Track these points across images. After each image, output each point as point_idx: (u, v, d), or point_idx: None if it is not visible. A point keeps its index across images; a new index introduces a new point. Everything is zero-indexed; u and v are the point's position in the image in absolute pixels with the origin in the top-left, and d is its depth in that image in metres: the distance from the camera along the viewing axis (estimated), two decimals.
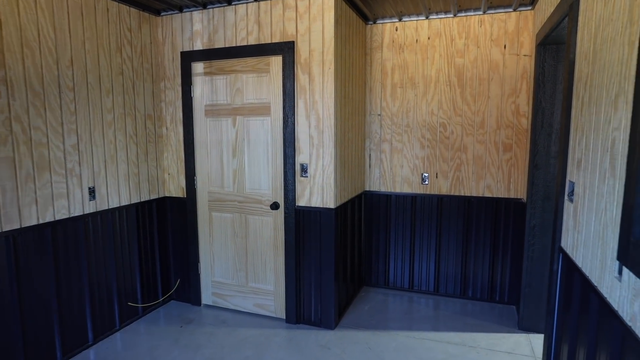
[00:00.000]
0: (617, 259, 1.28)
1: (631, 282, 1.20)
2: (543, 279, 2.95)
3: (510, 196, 3.37)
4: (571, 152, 1.90)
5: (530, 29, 3.17)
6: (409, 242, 3.72)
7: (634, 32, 1.27)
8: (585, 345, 1.60)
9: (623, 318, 1.23)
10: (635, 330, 1.15)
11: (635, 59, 1.23)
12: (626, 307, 1.22)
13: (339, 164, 3.04)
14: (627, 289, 1.23)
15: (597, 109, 1.57)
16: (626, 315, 1.22)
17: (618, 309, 1.28)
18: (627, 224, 1.18)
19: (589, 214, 1.60)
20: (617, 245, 1.32)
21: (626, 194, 1.19)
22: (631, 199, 1.16)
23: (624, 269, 1.25)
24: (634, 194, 1.14)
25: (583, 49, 1.78)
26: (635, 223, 1.13)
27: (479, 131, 3.40)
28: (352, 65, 3.27)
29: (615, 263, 1.33)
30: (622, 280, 1.26)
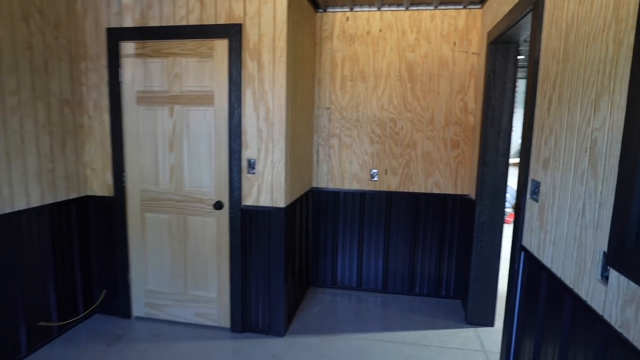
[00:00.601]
0: (606, 264, 1.24)
1: (622, 288, 1.16)
2: (490, 274, 3.02)
3: (457, 192, 3.41)
4: (535, 151, 1.89)
5: (479, 28, 3.21)
6: (357, 240, 3.63)
7: (620, 30, 1.23)
8: (556, 343, 1.58)
9: (612, 324, 1.20)
10: (629, 337, 1.11)
11: (625, 57, 1.19)
12: (615, 312, 1.19)
13: (290, 160, 2.84)
14: (615, 294, 1.19)
15: (571, 108, 1.54)
16: (615, 320, 1.18)
17: (604, 314, 1.25)
18: (619, 229, 1.14)
19: (561, 214, 1.58)
20: (600, 248, 1.29)
21: (619, 197, 1.15)
22: (626, 202, 1.11)
23: (612, 273, 1.21)
24: (628, 197, 1.10)
25: (550, 48, 1.76)
26: (632, 228, 1.09)
27: (428, 127, 3.39)
28: (303, 55, 3.07)
29: (597, 267, 1.30)
30: (609, 284, 1.23)
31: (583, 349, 1.38)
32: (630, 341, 1.10)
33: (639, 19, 1.09)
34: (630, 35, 1.17)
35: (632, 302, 1.11)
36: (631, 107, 1.12)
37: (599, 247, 1.30)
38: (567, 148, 1.56)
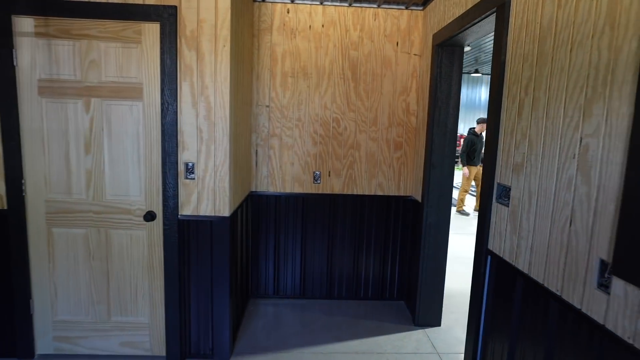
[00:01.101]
0: (610, 273, 1.23)
1: (634, 298, 1.14)
2: (437, 275, 3.05)
3: (401, 194, 3.41)
4: (503, 155, 1.88)
5: (421, 29, 3.22)
6: (300, 246, 3.44)
7: (617, 36, 1.22)
8: (536, 346, 1.58)
9: (617, 334, 1.18)
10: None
11: (625, 64, 1.18)
12: (622, 323, 1.17)
13: (233, 162, 2.55)
14: (622, 304, 1.18)
15: (550, 113, 1.53)
16: (622, 332, 1.17)
17: (605, 324, 1.23)
18: (630, 240, 1.12)
19: (542, 221, 1.57)
20: (597, 256, 1.28)
21: (629, 208, 1.13)
22: (635, 208, 1.09)
23: (617, 283, 1.20)
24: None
25: (520, 52, 1.75)
26: None
27: (372, 128, 3.32)
28: (243, 47, 2.78)
29: (594, 275, 1.29)
30: (612, 294, 1.22)
31: (572, 354, 1.38)
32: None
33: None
34: (633, 42, 1.16)
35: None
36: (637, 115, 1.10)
37: (595, 255, 1.29)
38: (546, 153, 1.56)
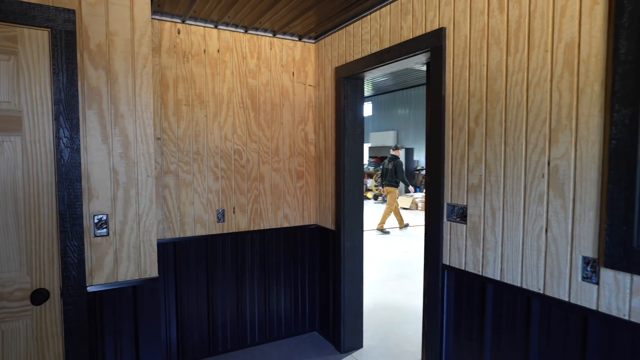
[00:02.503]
0: (597, 266, 1.53)
1: (623, 284, 1.46)
2: (357, 298, 3.13)
3: (305, 223, 3.38)
4: (454, 178, 2.11)
5: (314, 61, 3.32)
6: (206, 295, 3.00)
7: (577, 81, 1.57)
8: (516, 341, 1.81)
9: (613, 315, 1.48)
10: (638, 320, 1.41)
11: (589, 102, 1.53)
12: (615, 304, 1.48)
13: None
14: (613, 289, 1.48)
15: (510, 140, 1.82)
16: (617, 311, 1.47)
17: (599, 308, 1.53)
18: (618, 237, 1.44)
19: (512, 232, 1.83)
20: (579, 255, 1.57)
21: (616, 212, 1.44)
22: (623, 212, 1.42)
23: (606, 273, 1.50)
24: (630, 211, 1.40)
25: (464, 88, 2.03)
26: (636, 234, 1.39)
27: (275, 159, 3.21)
28: None
29: (578, 270, 1.58)
30: (602, 282, 1.52)
31: (561, 335, 1.65)
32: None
33: (606, 70, 1.43)
34: (594, 85, 1.51)
35: (637, 292, 1.41)
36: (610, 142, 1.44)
37: (577, 255, 1.59)
38: (508, 174, 1.84)
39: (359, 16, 2.75)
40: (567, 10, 1.58)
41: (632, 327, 1.43)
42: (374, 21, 2.64)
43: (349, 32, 2.89)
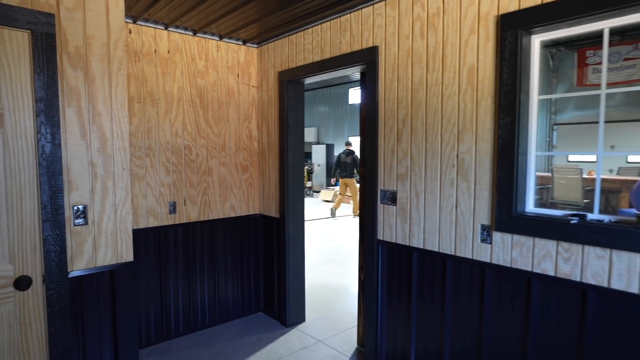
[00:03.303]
0: (490, 230, 2.10)
1: (506, 242, 2.04)
2: (300, 278, 3.52)
3: (250, 213, 3.67)
4: (386, 169, 2.60)
5: (256, 64, 3.62)
6: (159, 283, 3.16)
7: (476, 95, 2.12)
8: (435, 293, 2.36)
9: (501, 264, 2.06)
10: (517, 266, 2.00)
11: (485, 111, 2.09)
12: (502, 256, 2.06)
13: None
14: (502, 246, 2.07)
15: (429, 139, 2.35)
16: (503, 261, 2.06)
17: (492, 260, 2.11)
18: (504, 208, 2.02)
19: (431, 210, 2.37)
20: (479, 224, 2.14)
21: (503, 190, 2.02)
22: (508, 192, 2.00)
23: (496, 235, 2.08)
24: (510, 190, 1.99)
25: (394, 96, 2.52)
26: (514, 207, 1.98)
27: (222, 154, 3.45)
28: None
29: (478, 235, 2.15)
30: (493, 242, 2.10)
31: (467, 285, 2.22)
32: (520, 268, 2.00)
33: (495, 90, 2.00)
34: (487, 99, 2.08)
35: (516, 246, 2.01)
36: (498, 140, 2.02)
37: (477, 224, 2.16)
38: (428, 165, 2.37)
39: (301, 28, 3.12)
40: (469, 43, 2.13)
41: (512, 270, 2.03)
42: (315, 34, 3.04)
43: (292, 41, 3.25)
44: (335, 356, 3.01)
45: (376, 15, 2.59)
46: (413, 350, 2.52)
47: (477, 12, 2.10)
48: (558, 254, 1.88)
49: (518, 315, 2.03)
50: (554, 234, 1.87)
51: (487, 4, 2.06)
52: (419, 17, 2.36)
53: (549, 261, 1.91)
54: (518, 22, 1.94)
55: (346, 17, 2.79)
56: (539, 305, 1.96)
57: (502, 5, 2.00)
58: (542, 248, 1.93)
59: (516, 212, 2.00)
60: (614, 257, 1.72)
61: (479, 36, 2.10)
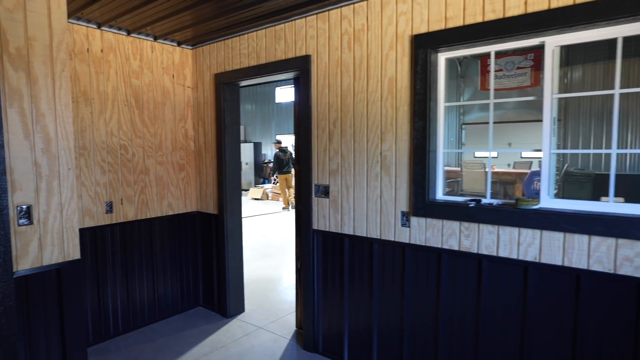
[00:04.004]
0: (408, 216, 2.49)
1: (422, 225, 2.45)
2: (239, 271, 3.69)
3: (187, 210, 3.76)
4: (319, 166, 2.89)
5: (191, 65, 3.70)
6: (96, 283, 3.14)
7: (395, 102, 2.50)
8: (364, 273, 2.72)
9: (418, 244, 2.47)
10: (431, 244, 2.42)
11: (402, 116, 2.48)
12: (419, 237, 2.47)
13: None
14: (417, 229, 2.47)
15: (357, 139, 2.69)
16: (420, 241, 2.46)
17: (410, 241, 2.50)
18: (418, 197, 2.42)
19: (359, 201, 2.71)
20: (399, 211, 2.53)
21: (417, 182, 2.42)
22: (421, 184, 2.40)
23: (413, 220, 2.48)
24: (423, 182, 2.39)
25: (325, 101, 2.82)
26: (426, 196, 2.39)
27: (159, 153, 3.50)
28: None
29: (399, 220, 2.54)
30: (411, 226, 2.49)
31: (391, 264, 2.60)
32: (432, 245, 2.41)
33: (410, 97, 2.39)
34: (404, 105, 2.46)
35: (429, 228, 2.42)
36: (414, 140, 2.41)
37: (398, 211, 2.55)
38: (357, 162, 2.71)
39: (237, 34, 3.30)
40: (389, 57, 2.50)
41: (427, 248, 2.44)
42: (251, 40, 3.24)
43: (228, 45, 3.41)
44: (276, 339, 3.26)
45: (308, 27, 2.87)
46: (346, 328, 2.86)
47: (395, 31, 2.47)
48: (461, 232, 2.32)
49: (432, 286, 2.45)
50: (458, 216, 2.31)
51: (403, 25, 2.44)
52: (346, 31, 2.69)
53: (454, 238, 2.34)
54: (427, 42, 2.34)
55: (281, 26, 3.03)
56: (447, 276, 2.39)
57: (415, 27, 2.39)
58: (449, 228, 2.36)
59: (429, 199, 2.41)
60: (500, 231, 2.19)
61: (397, 52, 2.47)
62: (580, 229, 1.96)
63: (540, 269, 2.09)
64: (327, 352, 2.98)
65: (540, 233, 2.08)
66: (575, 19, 1.91)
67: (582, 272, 1.97)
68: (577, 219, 1.96)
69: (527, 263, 2.12)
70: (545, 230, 2.07)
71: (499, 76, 8.87)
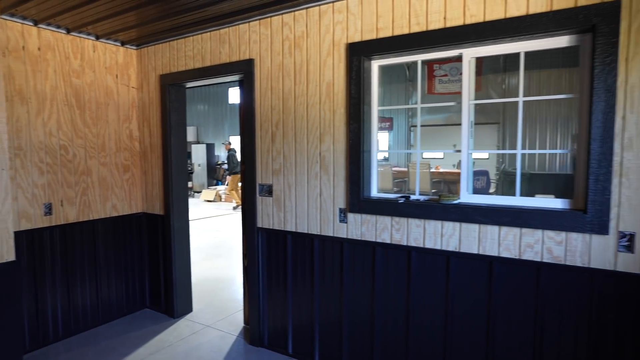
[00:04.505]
0: (346, 213, 2.66)
1: (357, 220, 2.63)
2: (186, 271, 3.71)
3: (132, 211, 3.73)
4: (263, 165, 3.00)
5: (136, 65, 3.68)
6: (34, 288, 3.06)
7: (332, 105, 2.67)
8: (306, 267, 2.86)
9: (354, 238, 2.64)
10: (366, 239, 2.60)
11: (339, 118, 2.64)
12: (354, 232, 2.64)
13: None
14: (353, 224, 2.64)
15: (298, 140, 2.82)
16: (355, 235, 2.64)
17: (347, 236, 2.67)
18: (354, 195, 2.59)
19: (300, 199, 2.85)
20: (337, 208, 2.69)
21: (353, 181, 2.59)
22: (356, 182, 2.58)
23: (350, 216, 2.65)
24: (358, 181, 2.57)
25: (268, 104, 2.93)
26: (361, 194, 2.57)
27: (102, 154, 3.46)
28: None
29: (337, 217, 2.70)
30: (348, 222, 2.66)
31: (330, 259, 2.76)
32: (367, 239, 2.60)
33: (346, 101, 2.57)
34: (341, 109, 2.63)
35: (364, 223, 2.61)
36: (349, 141, 2.59)
37: (336, 208, 2.71)
38: (298, 162, 2.84)
39: (182, 36, 3.34)
40: (327, 63, 2.66)
41: (363, 242, 2.62)
42: (196, 42, 3.29)
43: (173, 46, 3.44)
44: (223, 336, 3.33)
45: (252, 31, 2.98)
46: (290, 321, 2.98)
47: (332, 39, 2.64)
48: (392, 227, 2.52)
49: (368, 278, 2.63)
50: (389, 212, 2.51)
51: (339, 34, 2.61)
52: (287, 37, 2.82)
53: (387, 232, 2.54)
54: (361, 50, 2.52)
55: (225, 30, 3.11)
56: (381, 268, 2.58)
57: (350, 36, 2.57)
58: (382, 223, 2.55)
59: (363, 196, 2.59)
60: (426, 225, 2.41)
61: (334, 58, 2.64)
62: (492, 221, 2.21)
63: (460, 258, 2.33)
64: (273, 346, 3.09)
65: (459, 225, 2.32)
66: (485, 35, 2.15)
67: (494, 259, 2.22)
68: (489, 212, 2.21)
69: (449, 253, 2.35)
70: (464, 222, 2.30)
71: (445, 81, 9.41)
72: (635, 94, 1.86)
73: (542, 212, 2.09)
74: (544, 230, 2.09)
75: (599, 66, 1.91)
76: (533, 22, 2.04)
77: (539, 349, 2.13)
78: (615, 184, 1.93)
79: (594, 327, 2.01)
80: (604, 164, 1.93)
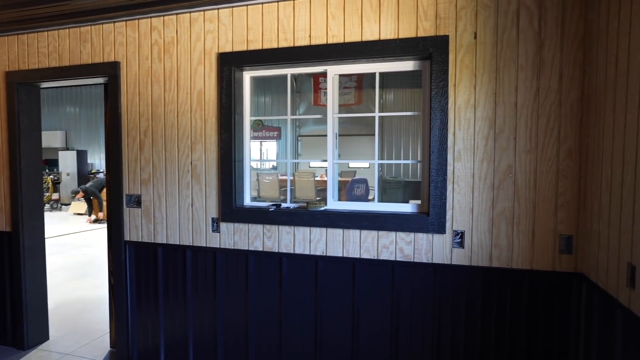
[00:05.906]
0: (218, 222, 2.64)
1: (230, 229, 2.62)
2: (41, 295, 3.27)
3: None
4: (130, 175, 2.82)
5: None
6: None
7: (204, 114, 2.64)
8: (182, 280, 2.76)
9: (227, 247, 2.63)
10: (238, 247, 2.61)
11: (210, 127, 2.63)
12: (227, 241, 2.63)
13: None
14: (226, 233, 2.63)
15: (168, 148, 2.72)
16: (229, 244, 2.63)
17: (220, 245, 2.65)
18: (226, 205, 2.59)
19: (171, 209, 2.74)
20: (210, 217, 2.66)
21: (225, 191, 2.59)
22: (228, 193, 2.58)
23: (222, 225, 2.63)
24: (229, 191, 2.58)
25: (136, 109, 2.78)
26: (233, 203, 2.58)
27: None
28: None
29: (210, 226, 2.66)
30: (221, 231, 2.64)
31: (204, 269, 2.70)
32: (240, 248, 2.61)
33: (218, 110, 2.57)
34: (212, 118, 2.62)
35: (237, 232, 2.62)
36: (221, 150, 2.59)
37: (209, 217, 2.67)
38: (168, 171, 2.74)
39: (34, 30, 2.98)
40: (198, 71, 2.63)
41: (235, 251, 2.62)
42: (52, 39, 2.96)
43: (24, 41, 3.05)
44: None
45: (117, 32, 2.80)
46: (162, 339, 2.83)
47: (203, 47, 2.62)
48: (264, 234, 2.57)
49: (241, 286, 2.64)
50: (261, 220, 2.56)
51: (210, 43, 2.60)
52: (156, 42, 2.71)
53: (259, 240, 2.58)
54: (232, 61, 2.55)
55: (87, 28, 2.87)
56: (254, 275, 2.61)
57: (220, 45, 2.58)
58: (254, 231, 2.59)
59: (236, 205, 2.61)
60: (295, 231, 2.51)
61: (205, 67, 2.62)
62: (354, 225, 2.40)
63: (327, 261, 2.48)
64: None
65: (325, 231, 2.47)
66: (345, 54, 2.36)
67: (356, 260, 2.42)
68: (351, 217, 2.40)
69: (317, 257, 2.48)
70: (329, 228, 2.46)
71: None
72: (461, 114, 2.21)
73: (396, 216, 2.34)
74: (397, 232, 2.35)
75: (434, 89, 2.23)
76: (384, 46, 2.29)
77: (395, 334, 2.37)
78: (449, 190, 2.25)
79: (436, 313, 2.31)
80: (441, 172, 2.25)
